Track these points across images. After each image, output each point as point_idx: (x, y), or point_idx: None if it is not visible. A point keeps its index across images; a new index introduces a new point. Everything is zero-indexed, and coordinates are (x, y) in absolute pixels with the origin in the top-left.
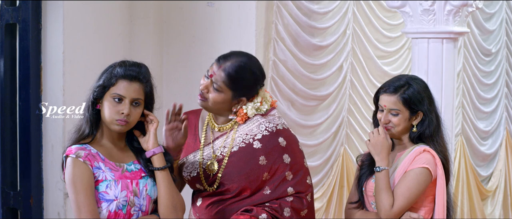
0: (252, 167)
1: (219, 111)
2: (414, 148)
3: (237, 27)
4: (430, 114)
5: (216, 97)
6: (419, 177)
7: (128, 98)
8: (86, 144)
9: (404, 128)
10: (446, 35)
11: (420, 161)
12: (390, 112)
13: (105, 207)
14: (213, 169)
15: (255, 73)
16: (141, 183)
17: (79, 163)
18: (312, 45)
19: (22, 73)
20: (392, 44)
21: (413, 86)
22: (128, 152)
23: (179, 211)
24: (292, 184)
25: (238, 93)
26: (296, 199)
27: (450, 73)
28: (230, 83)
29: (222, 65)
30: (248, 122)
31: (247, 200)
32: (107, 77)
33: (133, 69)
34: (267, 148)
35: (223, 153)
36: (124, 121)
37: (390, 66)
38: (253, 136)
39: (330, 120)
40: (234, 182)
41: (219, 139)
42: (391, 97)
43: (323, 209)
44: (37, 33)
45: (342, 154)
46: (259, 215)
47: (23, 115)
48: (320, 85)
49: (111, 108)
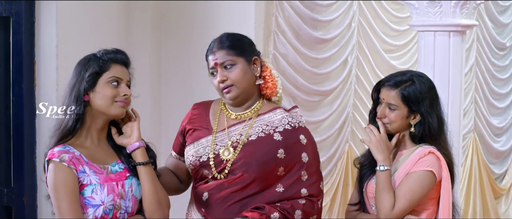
0: (268, 159)
1: (247, 91)
2: (418, 149)
3: (236, 20)
4: (430, 116)
5: (236, 72)
6: (423, 180)
7: (125, 81)
8: (68, 145)
9: (401, 126)
10: (453, 27)
11: (424, 163)
12: (388, 106)
13: (91, 212)
14: (227, 155)
15: (241, 34)
16: (126, 184)
17: (63, 168)
18: (315, 38)
19: (16, 68)
20: (401, 38)
21: (416, 84)
22: (109, 151)
23: (164, 207)
24: (306, 186)
25: (246, 54)
26: (308, 202)
27: (458, 67)
28: (232, 49)
29: (215, 49)
30: (270, 113)
31: (259, 197)
32: (98, 63)
33: (120, 54)
34: (288, 142)
35: (239, 140)
36: (125, 102)
37: (398, 60)
38: (274, 127)
39: (334, 116)
40: (247, 171)
41: (236, 126)
42: (391, 91)
43: (327, 208)
44: (31, 27)
45: (346, 151)
46: (271, 213)
47: (17, 111)
48: (323, 80)
49: (110, 92)
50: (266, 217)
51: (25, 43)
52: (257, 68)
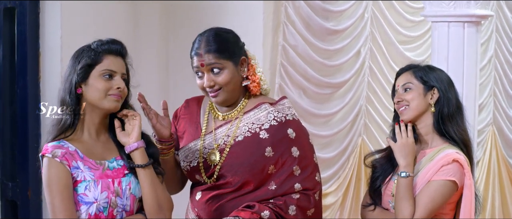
0: (256, 159)
1: (234, 92)
2: (442, 152)
3: (244, 10)
4: (448, 93)
5: (224, 77)
6: (444, 189)
7: (119, 73)
8: (63, 140)
9: (420, 105)
10: (467, 18)
11: (447, 172)
12: (403, 89)
13: (84, 210)
14: (213, 159)
15: (229, 31)
16: (124, 182)
17: (55, 164)
18: (326, 29)
19: (20, 59)
20: (416, 29)
21: (432, 68)
22: (110, 145)
23: (165, 210)
24: (300, 180)
25: (234, 57)
26: (303, 196)
27: (472, 59)
28: (221, 53)
29: (201, 50)
30: (255, 109)
31: (250, 196)
32: (90, 55)
33: (116, 45)
34: (275, 139)
35: (226, 142)
36: (119, 95)
37: (413, 52)
38: (260, 125)
39: (346, 109)
40: (236, 174)
41: (222, 127)
42: (404, 74)
43: (338, 203)
44: (35, 17)
45: (359, 145)
46: (262, 211)
47: (21, 104)
48: (335, 72)
49: (103, 85)
50: (257, 215)
51: (30, 34)
52: (244, 69)
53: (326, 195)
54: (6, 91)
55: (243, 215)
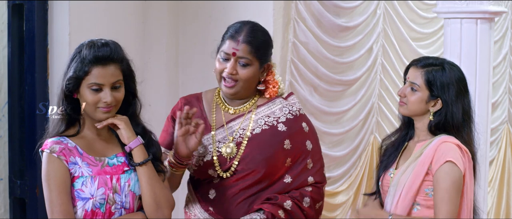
0: (276, 151)
1: (246, 90)
2: (435, 139)
3: (254, 6)
4: (454, 106)
5: (248, 72)
6: (451, 175)
7: (107, 85)
8: (64, 136)
9: (417, 110)
10: (480, 14)
11: (443, 155)
12: (411, 86)
13: (80, 206)
14: (229, 152)
15: (267, 32)
16: (122, 179)
17: (53, 159)
18: (338, 26)
19: (28, 56)
20: (429, 25)
21: (445, 71)
22: (113, 142)
23: (164, 208)
24: (312, 174)
25: (263, 59)
26: (315, 189)
27: (485, 56)
28: (257, 50)
29: (239, 38)
30: (269, 103)
31: (268, 190)
32: (77, 67)
33: (103, 50)
34: (292, 131)
35: (242, 135)
36: (108, 108)
37: (427, 49)
38: (276, 118)
39: (358, 107)
40: (255, 166)
41: (235, 121)
42: (417, 70)
43: (350, 202)
44: (44, 14)
45: (371, 143)
46: (284, 202)
47: (30, 101)
48: (346, 69)
49: (91, 98)
50: (280, 206)
51: (38, 31)
52: (264, 73)
53: (337, 194)
54: (15, 88)
55: (267, 208)
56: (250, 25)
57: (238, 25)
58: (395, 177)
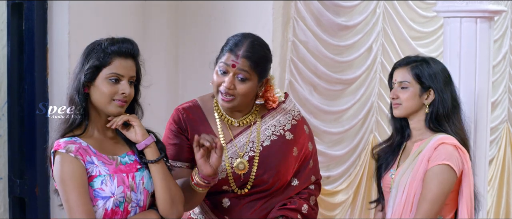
0: (287, 160)
1: (244, 104)
2: (433, 138)
3: (254, 6)
4: (444, 93)
5: (246, 88)
6: (440, 177)
7: (126, 77)
8: (75, 136)
9: (414, 106)
10: (480, 13)
11: (439, 156)
12: (399, 86)
13: (101, 205)
14: (243, 168)
15: (267, 47)
16: (137, 177)
17: (70, 159)
18: (337, 25)
19: (28, 55)
20: (429, 24)
21: (429, 63)
22: (119, 142)
23: (178, 204)
24: (314, 172)
25: (262, 74)
26: (316, 186)
27: (485, 55)
28: (256, 66)
29: (238, 52)
30: (272, 112)
31: (280, 196)
32: (99, 56)
33: (127, 45)
34: (297, 137)
35: (253, 149)
36: (123, 101)
37: (426, 48)
38: (282, 126)
39: (357, 106)
40: (270, 177)
41: (242, 134)
42: (402, 69)
43: (349, 201)
44: (43, 13)
45: (371, 142)
46: (301, 206)
47: (29, 100)
48: (346, 68)
49: (108, 89)
50: (298, 211)
51: (37, 30)
52: (262, 88)
53: (337, 193)
54: (14, 88)
55: (288, 214)
56: (250, 39)
57: (238, 38)
58: (396, 178)
